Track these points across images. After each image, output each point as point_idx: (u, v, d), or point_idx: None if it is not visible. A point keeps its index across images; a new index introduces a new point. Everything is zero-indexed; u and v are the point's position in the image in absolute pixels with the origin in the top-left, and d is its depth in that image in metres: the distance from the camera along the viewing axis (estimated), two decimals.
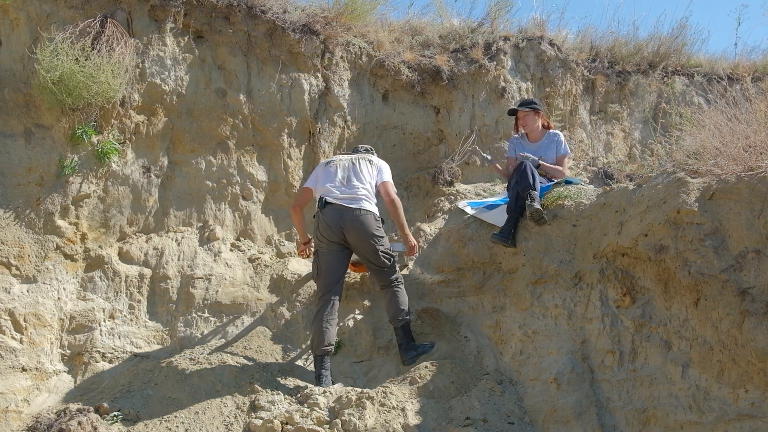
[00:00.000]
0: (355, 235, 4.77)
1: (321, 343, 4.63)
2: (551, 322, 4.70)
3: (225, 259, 5.39)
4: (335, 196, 4.83)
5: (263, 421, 4.18)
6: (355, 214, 4.76)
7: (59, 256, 4.77)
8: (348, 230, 4.76)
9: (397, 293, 4.88)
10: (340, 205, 4.79)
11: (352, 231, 4.76)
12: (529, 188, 4.98)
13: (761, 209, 3.82)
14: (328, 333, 4.66)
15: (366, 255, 4.86)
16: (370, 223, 4.79)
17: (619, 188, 4.85)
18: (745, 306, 3.72)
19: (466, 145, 6.52)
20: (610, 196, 4.81)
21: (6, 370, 4.31)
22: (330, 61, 6.12)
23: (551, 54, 7.23)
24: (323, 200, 4.84)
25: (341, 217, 4.76)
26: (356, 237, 4.78)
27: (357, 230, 4.75)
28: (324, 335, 4.63)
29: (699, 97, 7.73)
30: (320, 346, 4.64)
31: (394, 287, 4.89)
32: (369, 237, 4.77)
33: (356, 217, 4.75)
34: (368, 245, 4.80)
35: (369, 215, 4.80)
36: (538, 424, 4.35)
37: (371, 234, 4.78)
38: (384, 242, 4.87)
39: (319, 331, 4.65)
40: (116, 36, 5.03)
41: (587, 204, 4.92)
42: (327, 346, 4.65)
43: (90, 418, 3.96)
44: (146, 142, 5.30)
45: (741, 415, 3.75)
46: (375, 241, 4.79)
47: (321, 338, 4.63)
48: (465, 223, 5.57)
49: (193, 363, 4.62)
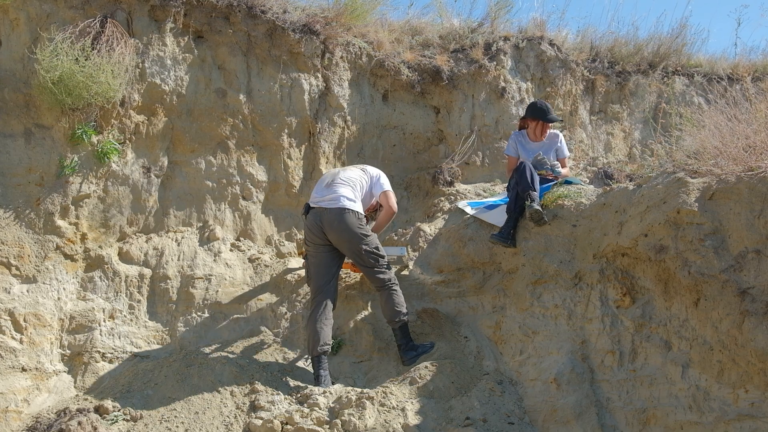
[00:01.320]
0: (335, 234, 4.78)
1: (317, 344, 4.64)
2: (551, 322, 4.70)
3: (225, 259, 5.39)
4: (315, 200, 4.92)
5: (263, 421, 4.18)
6: (333, 213, 4.77)
7: (59, 256, 4.77)
8: (327, 230, 4.78)
9: (392, 294, 4.86)
10: (318, 207, 4.85)
11: (331, 230, 4.78)
12: (529, 189, 4.98)
13: (761, 209, 3.82)
14: (323, 333, 4.66)
15: (350, 253, 4.86)
16: (350, 221, 4.77)
17: (619, 188, 4.85)
18: (745, 306, 3.72)
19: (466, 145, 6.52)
20: (610, 196, 4.81)
21: (6, 370, 4.31)
22: (330, 61, 6.12)
23: (551, 54, 7.23)
24: (306, 206, 4.96)
25: (320, 218, 4.80)
26: (336, 236, 4.79)
27: (336, 229, 4.77)
28: (319, 336, 4.64)
29: (699, 97, 7.74)
30: (316, 347, 4.64)
31: (389, 288, 4.87)
32: (350, 235, 4.77)
33: (334, 216, 4.76)
34: (349, 243, 4.79)
35: (348, 213, 4.79)
36: (538, 424, 4.35)
37: (351, 232, 4.76)
38: (369, 240, 4.82)
39: (313, 333, 4.65)
40: (116, 36, 5.03)
41: (587, 204, 4.92)
42: (323, 346, 4.65)
43: (90, 418, 3.96)
44: (146, 142, 5.30)
45: (741, 415, 3.75)
46: (357, 239, 4.77)
47: (316, 339, 4.64)
48: (465, 223, 5.57)
49: (193, 363, 4.62)
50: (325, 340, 4.65)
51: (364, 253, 4.79)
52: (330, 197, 4.85)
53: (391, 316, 4.86)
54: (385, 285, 4.87)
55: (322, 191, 4.94)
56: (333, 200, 4.83)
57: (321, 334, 4.64)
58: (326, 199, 4.85)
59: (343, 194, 4.85)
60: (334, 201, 4.82)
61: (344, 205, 4.79)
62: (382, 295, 4.89)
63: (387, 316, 4.90)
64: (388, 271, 4.91)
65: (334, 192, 4.87)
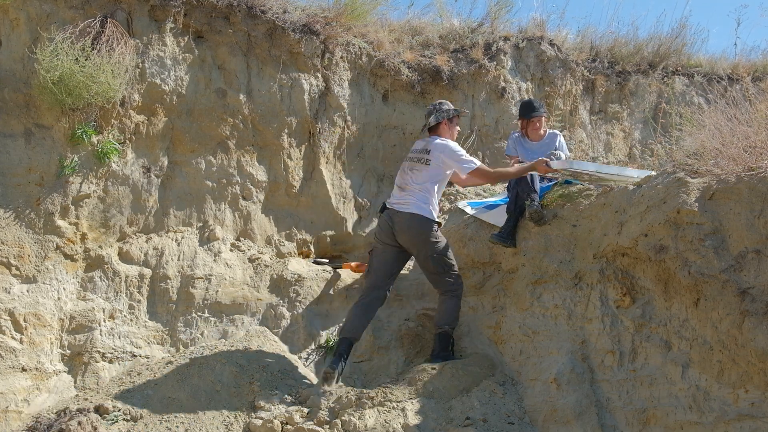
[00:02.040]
0: (405, 237, 4.84)
1: (348, 330, 4.71)
2: (551, 322, 4.71)
3: (225, 259, 5.38)
4: (390, 201, 5.00)
5: (263, 421, 4.18)
6: (404, 217, 4.81)
7: (59, 256, 4.77)
8: (398, 233, 4.84)
9: (445, 301, 4.87)
10: (391, 209, 4.91)
11: (401, 233, 4.83)
12: (529, 189, 4.99)
13: (761, 209, 3.82)
14: (359, 323, 4.73)
15: (419, 258, 4.90)
16: (420, 227, 4.79)
17: (619, 188, 4.85)
18: (745, 306, 3.72)
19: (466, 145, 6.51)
20: (610, 196, 4.81)
21: (6, 370, 4.31)
22: (330, 61, 6.12)
23: (551, 54, 7.23)
24: (383, 204, 5.05)
25: (392, 219, 4.86)
26: (407, 239, 4.84)
27: (406, 233, 4.82)
28: (353, 324, 4.73)
29: (699, 98, 7.73)
30: (346, 332, 4.71)
31: (448, 293, 4.87)
32: (419, 240, 4.80)
33: (405, 221, 4.80)
34: (418, 248, 4.83)
35: (417, 218, 4.79)
36: (538, 424, 4.35)
37: (420, 238, 4.79)
38: (438, 248, 4.81)
39: (351, 318, 4.76)
40: (116, 36, 5.02)
41: (587, 204, 4.92)
42: (352, 332, 4.70)
43: (90, 418, 3.96)
44: (146, 142, 5.30)
45: (741, 415, 3.75)
46: (425, 245, 4.80)
47: (350, 326, 4.73)
48: (465, 223, 5.57)
49: (193, 363, 4.62)
50: (358, 330, 4.71)
51: (431, 258, 4.81)
52: (401, 201, 4.89)
53: (435, 321, 4.91)
54: (447, 290, 4.88)
55: (395, 193, 5.00)
56: (404, 204, 4.86)
57: (356, 323, 4.72)
58: (399, 203, 4.90)
59: (413, 199, 4.85)
60: (406, 206, 4.85)
61: (413, 211, 4.81)
62: (438, 299, 4.94)
63: (434, 320, 4.95)
64: (455, 280, 4.89)
65: (407, 195, 4.89)
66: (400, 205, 4.87)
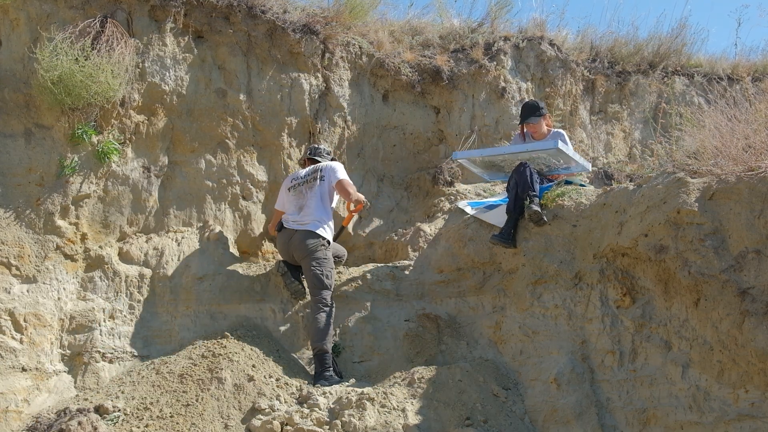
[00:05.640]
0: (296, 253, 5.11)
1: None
2: (551, 322, 4.71)
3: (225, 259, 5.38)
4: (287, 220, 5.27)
5: (263, 422, 4.18)
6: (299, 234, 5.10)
7: (59, 256, 4.77)
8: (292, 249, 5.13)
9: (317, 318, 4.89)
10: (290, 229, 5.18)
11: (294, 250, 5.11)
12: (529, 189, 4.98)
13: (761, 209, 3.82)
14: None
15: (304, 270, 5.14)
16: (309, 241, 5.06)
17: (619, 188, 4.85)
18: (745, 306, 3.73)
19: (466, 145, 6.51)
20: (610, 196, 4.81)
21: (6, 370, 4.31)
22: (330, 61, 6.12)
23: (551, 54, 7.23)
24: (279, 224, 5.32)
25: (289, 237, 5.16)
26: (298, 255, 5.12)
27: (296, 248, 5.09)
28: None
29: (699, 98, 7.73)
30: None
31: (318, 308, 4.92)
32: (304, 255, 5.04)
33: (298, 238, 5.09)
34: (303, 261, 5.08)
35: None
36: (538, 424, 4.35)
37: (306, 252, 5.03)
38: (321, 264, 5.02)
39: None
40: (116, 36, 5.02)
41: (587, 204, 4.92)
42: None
43: (90, 418, 3.96)
44: (146, 142, 5.30)
45: (741, 415, 3.75)
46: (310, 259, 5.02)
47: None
48: (465, 223, 5.57)
49: (192, 363, 4.62)
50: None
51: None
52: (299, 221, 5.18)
53: (311, 341, 4.94)
54: (317, 303, 4.97)
55: (293, 215, 5.25)
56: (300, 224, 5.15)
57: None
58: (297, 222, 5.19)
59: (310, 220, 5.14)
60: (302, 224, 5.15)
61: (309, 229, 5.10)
62: (310, 314, 5.01)
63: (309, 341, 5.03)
64: (325, 292, 5.01)
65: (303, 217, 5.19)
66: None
